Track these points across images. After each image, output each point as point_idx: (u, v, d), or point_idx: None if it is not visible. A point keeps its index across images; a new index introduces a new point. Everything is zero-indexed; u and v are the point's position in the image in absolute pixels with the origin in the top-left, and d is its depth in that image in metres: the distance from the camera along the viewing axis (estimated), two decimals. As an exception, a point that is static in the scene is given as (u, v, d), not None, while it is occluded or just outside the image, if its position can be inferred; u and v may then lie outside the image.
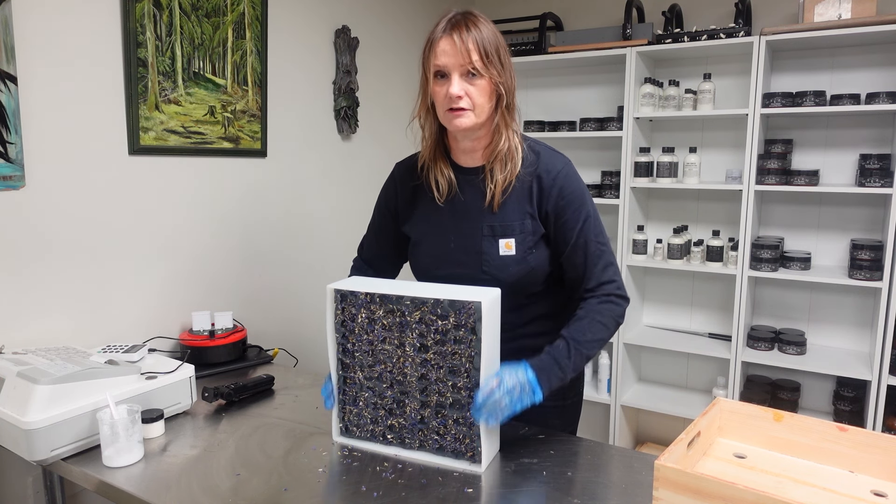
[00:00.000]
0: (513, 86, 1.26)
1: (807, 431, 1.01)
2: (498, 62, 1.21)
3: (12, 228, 1.49)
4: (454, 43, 1.18)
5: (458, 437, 1.17)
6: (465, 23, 1.19)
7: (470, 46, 1.18)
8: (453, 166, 1.34)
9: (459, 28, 1.19)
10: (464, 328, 1.13)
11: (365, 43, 2.53)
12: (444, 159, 1.34)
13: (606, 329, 1.25)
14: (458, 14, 1.22)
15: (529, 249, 1.29)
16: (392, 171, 1.47)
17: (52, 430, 1.18)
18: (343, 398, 1.27)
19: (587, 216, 1.28)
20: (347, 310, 1.22)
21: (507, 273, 1.28)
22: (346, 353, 1.25)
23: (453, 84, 1.19)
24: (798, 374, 2.69)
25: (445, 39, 1.19)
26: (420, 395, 1.19)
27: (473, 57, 1.18)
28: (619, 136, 2.76)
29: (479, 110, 1.22)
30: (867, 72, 2.51)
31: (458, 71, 1.19)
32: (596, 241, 1.29)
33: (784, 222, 2.73)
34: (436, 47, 1.20)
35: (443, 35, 1.20)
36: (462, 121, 1.22)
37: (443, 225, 1.34)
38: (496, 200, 1.28)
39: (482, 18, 1.22)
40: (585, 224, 1.28)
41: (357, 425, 1.26)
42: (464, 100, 1.20)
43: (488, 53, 1.19)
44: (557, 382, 1.19)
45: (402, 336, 1.18)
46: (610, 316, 1.26)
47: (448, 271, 1.32)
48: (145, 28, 1.71)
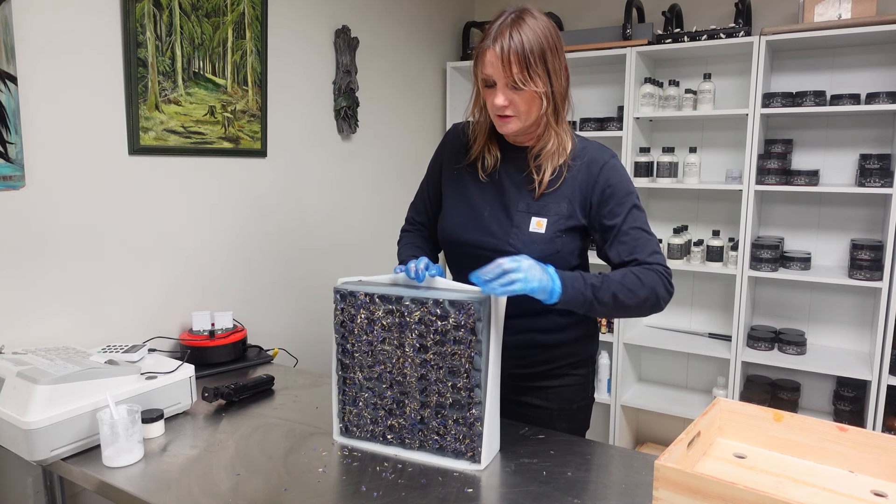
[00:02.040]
0: (561, 87, 1.27)
1: (807, 431, 1.01)
2: (542, 69, 1.21)
3: (12, 228, 1.49)
4: (497, 56, 1.20)
5: (458, 437, 1.17)
6: (511, 31, 1.19)
7: (512, 59, 1.19)
8: (501, 144, 1.37)
9: (503, 38, 1.19)
10: (463, 328, 1.13)
11: (365, 43, 2.52)
12: (493, 142, 1.37)
13: (642, 285, 1.21)
14: (506, 19, 1.22)
15: (559, 233, 1.30)
16: (448, 130, 1.50)
17: (52, 430, 1.18)
18: (343, 398, 1.27)
19: (633, 205, 1.29)
20: (347, 310, 1.22)
21: (533, 250, 1.28)
22: (346, 353, 1.25)
23: (498, 96, 1.23)
24: (798, 374, 2.69)
25: (490, 51, 1.21)
26: (420, 395, 1.19)
27: (514, 70, 1.19)
28: (619, 136, 2.76)
29: (524, 116, 1.26)
30: (867, 72, 2.51)
31: (501, 82, 1.22)
32: (643, 229, 1.28)
33: (784, 222, 2.73)
34: (483, 57, 1.23)
35: (489, 46, 1.21)
36: (509, 126, 1.27)
37: (481, 193, 1.37)
38: (539, 190, 1.31)
39: (530, 20, 1.21)
40: (631, 213, 1.28)
41: (357, 425, 1.26)
42: (509, 108, 1.24)
43: (530, 64, 1.20)
44: (579, 296, 1.17)
45: (402, 336, 1.18)
46: (650, 280, 1.23)
47: (475, 238, 1.33)
48: (145, 28, 1.71)
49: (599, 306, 1.20)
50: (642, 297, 1.21)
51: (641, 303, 1.22)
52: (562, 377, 1.42)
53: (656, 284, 1.23)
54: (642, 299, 1.22)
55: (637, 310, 1.24)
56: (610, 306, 1.20)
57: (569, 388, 1.42)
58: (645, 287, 1.22)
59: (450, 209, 1.41)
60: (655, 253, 1.27)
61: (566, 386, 1.42)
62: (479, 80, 1.27)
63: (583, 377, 1.44)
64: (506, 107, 1.24)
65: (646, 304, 1.23)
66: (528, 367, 1.40)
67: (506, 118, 1.26)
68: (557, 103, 1.28)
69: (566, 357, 1.41)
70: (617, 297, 1.20)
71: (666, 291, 1.25)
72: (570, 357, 1.42)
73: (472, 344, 1.13)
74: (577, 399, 1.43)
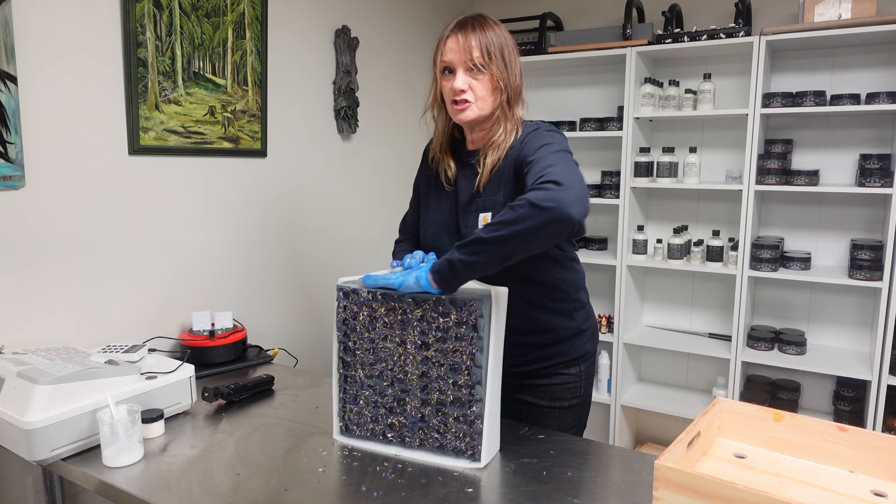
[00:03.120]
0: (517, 83, 1.33)
1: (807, 431, 1.01)
2: (500, 60, 1.29)
3: (12, 228, 1.49)
4: (459, 41, 1.28)
5: (458, 434, 1.17)
6: (472, 24, 1.29)
7: (473, 44, 1.27)
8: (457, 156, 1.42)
9: (465, 28, 1.29)
10: (465, 325, 1.13)
11: (365, 43, 2.52)
12: (449, 154, 1.42)
13: (513, 210, 1.06)
14: (468, 16, 1.32)
15: None
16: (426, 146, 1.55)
17: (52, 430, 1.18)
18: (344, 396, 1.27)
19: (542, 145, 1.21)
20: (349, 308, 1.23)
21: None
22: (348, 350, 1.25)
23: (457, 79, 1.29)
24: (798, 374, 2.69)
25: (452, 38, 1.29)
26: (421, 392, 1.19)
27: (475, 53, 1.27)
28: (619, 136, 2.76)
29: (481, 103, 1.30)
30: (867, 72, 2.51)
31: (462, 66, 1.29)
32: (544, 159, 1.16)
33: (784, 222, 2.73)
34: (443, 45, 1.31)
35: (450, 34, 1.30)
36: (466, 114, 1.31)
37: (448, 201, 1.42)
38: (482, 183, 1.34)
39: (491, 21, 1.32)
40: (539, 150, 1.20)
41: (357, 424, 1.27)
42: (467, 93, 1.29)
43: (490, 52, 1.28)
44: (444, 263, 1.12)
45: (404, 333, 1.19)
46: (528, 196, 1.05)
47: (447, 243, 1.35)
48: (145, 28, 1.71)
49: (469, 256, 1.08)
50: (512, 218, 1.05)
51: (518, 224, 1.04)
52: (551, 376, 1.43)
53: (535, 197, 1.04)
54: (516, 221, 1.04)
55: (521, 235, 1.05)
56: (478, 250, 1.08)
57: (559, 388, 1.43)
58: (516, 210, 1.05)
59: (424, 220, 1.49)
60: (549, 167, 1.10)
61: (556, 385, 1.43)
62: (437, 71, 1.33)
63: (574, 376, 1.44)
64: (464, 91, 1.28)
65: (525, 221, 1.04)
66: (520, 366, 1.42)
67: (463, 105, 1.29)
68: (511, 96, 1.32)
69: (556, 356, 1.42)
70: (480, 237, 1.07)
71: (548, 193, 1.04)
72: (560, 356, 1.43)
73: (473, 341, 1.13)
74: (567, 398, 1.44)
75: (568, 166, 1.13)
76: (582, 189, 1.08)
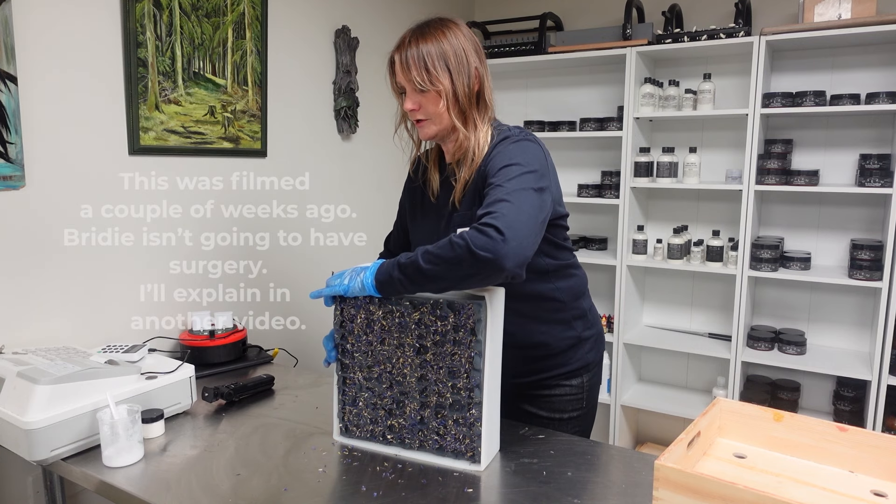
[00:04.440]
0: (471, 89, 1.26)
1: (807, 431, 1.01)
2: (444, 71, 1.24)
3: (12, 228, 1.49)
4: (401, 62, 1.26)
5: (458, 437, 1.17)
6: (411, 39, 1.26)
7: (410, 63, 1.24)
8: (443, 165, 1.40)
9: (403, 48, 1.26)
10: (463, 329, 1.13)
11: (365, 43, 2.52)
12: (436, 166, 1.40)
13: (451, 246, 1.04)
14: (407, 32, 1.29)
15: None
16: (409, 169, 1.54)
17: (52, 430, 1.18)
18: (343, 398, 1.27)
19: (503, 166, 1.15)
20: (346, 310, 1.23)
21: None
22: (346, 353, 1.25)
23: (407, 101, 1.29)
24: (798, 374, 2.69)
25: (396, 58, 1.28)
26: (420, 395, 1.19)
27: (413, 73, 1.24)
28: (619, 136, 2.76)
29: (436, 118, 1.28)
30: (867, 72, 2.51)
31: (408, 86, 1.27)
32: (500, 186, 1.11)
33: (784, 222, 2.73)
34: (392, 66, 1.30)
35: (394, 53, 1.29)
36: (425, 131, 1.31)
37: (433, 215, 1.40)
38: (457, 197, 1.31)
39: (433, 29, 1.26)
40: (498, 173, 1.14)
41: (357, 425, 1.27)
42: (419, 111, 1.28)
43: (429, 67, 1.23)
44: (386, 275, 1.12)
45: (402, 337, 1.18)
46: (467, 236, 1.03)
47: None
48: (145, 28, 1.71)
49: (406, 278, 1.09)
50: (450, 257, 1.04)
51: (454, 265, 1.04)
52: (552, 388, 1.40)
53: (470, 237, 1.02)
54: (452, 262, 1.04)
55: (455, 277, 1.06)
56: (416, 278, 1.08)
57: (559, 399, 1.40)
58: (453, 247, 1.04)
59: (413, 235, 1.48)
60: (497, 201, 1.07)
61: (556, 396, 1.40)
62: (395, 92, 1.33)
63: (576, 388, 1.41)
64: (416, 110, 1.28)
65: (461, 266, 1.03)
66: (520, 377, 1.39)
67: (420, 123, 1.30)
68: (462, 104, 1.26)
69: (555, 368, 1.39)
70: (419, 266, 1.07)
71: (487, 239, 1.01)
72: (560, 367, 1.40)
73: (471, 345, 1.13)
74: (568, 409, 1.41)
75: (518, 203, 1.07)
76: (524, 237, 1.05)
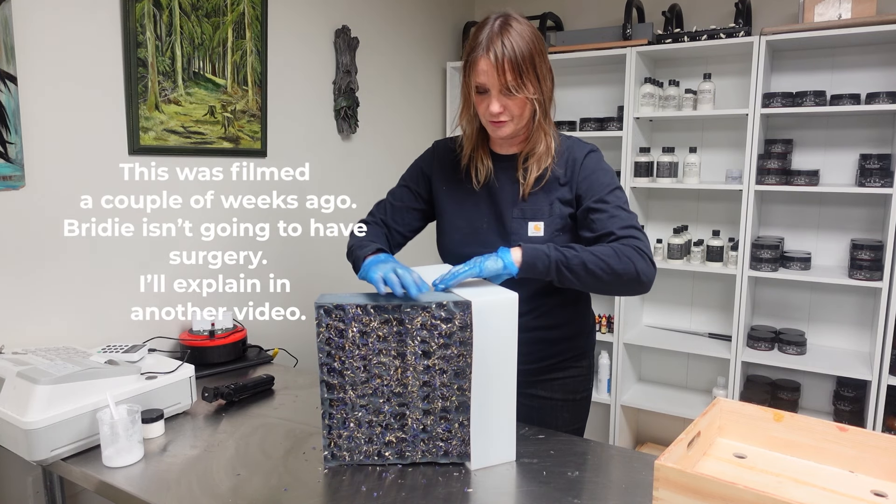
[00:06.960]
0: (548, 91, 1.32)
1: (807, 431, 1.01)
2: (533, 74, 1.26)
3: (12, 228, 1.49)
4: (491, 64, 1.23)
5: (463, 439, 1.16)
6: (502, 37, 1.22)
7: (506, 66, 1.22)
8: (491, 154, 1.42)
9: (495, 45, 1.22)
10: (469, 328, 1.11)
11: (365, 43, 2.52)
12: (485, 149, 1.41)
13: (618, 258, 1.19)
14: (494, 26, 1.24)
15: (557, 232, 1.34)
16: (432, 146, 1.53)
17: (52, 430, 1.18)
18: (330, 423, 1.17)
19: (613, 187, 1.31)
20: (333, 326, 1.12)
21: None
22: (333, 372, 1.14)
23: (493, 103, 1.26)
24: (798, 374, 2.69)
25: (484, 59, 1.24)
26: (423, 402, 1.15)
27: (508, 78, 1.23)
28: (619, 136, 2.76)
29: (517, 120, 1.30)
30: (867, 72, 2.51)
31: (495, 89, 1.26)
32: (620, 207, 1.28)
33: (784, 222, 2.73)
34: (476, 66, 1.26)
35: (482, 54, 1.24)
36: (503, 130, 1.31)
37: (476, 206, 1.41)
38: (525, 191, 1.35)
39: (516, 25, 1.25)
40: (611, 193, 1.30)
41: (348, 449, 1.18)
42: (504, 113, 1.28)
43: (522, 71, 1.23)
44: (541, 255, 1.20)
45: (402, 345, 1.13)
46: (627, 252, 1.20)
47: (474, 250, 1.32)
48: (145, 28, 1.71)
49: (569, 272, 1.20)
50: (618, 269, 1.19)
51: (617, 276, 1.20)
52: (566, 369, 1.46)
53: (634, 258, 1.20)
54: (618, 272, 1.19)
55: (615, 285, 1.21)
56: (581, 275, 1.20)
57: (572, 380, 1.47)
58: (621, 260, 1.19)
59: (447, 225, 1.45)
60: (632, 227, 1.25)
61: (570, 377, 1.47)
62: (470, 88, 1.31)
63: (585, 369, 1.50)
64: (501, 112, 1.27)
65: (622, 278, 1.20)
66: (536, 363, 1.43)
67: (500, 123, 1.30)
68: (546, 106, 1.33)
69: (569, 350, 1.46)
70: (587, 266, 1.19)
71: (647, 265, 1.21)
72: (573, 350, 1.47)
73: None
74: (580, 390, 1.49)
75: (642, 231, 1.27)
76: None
